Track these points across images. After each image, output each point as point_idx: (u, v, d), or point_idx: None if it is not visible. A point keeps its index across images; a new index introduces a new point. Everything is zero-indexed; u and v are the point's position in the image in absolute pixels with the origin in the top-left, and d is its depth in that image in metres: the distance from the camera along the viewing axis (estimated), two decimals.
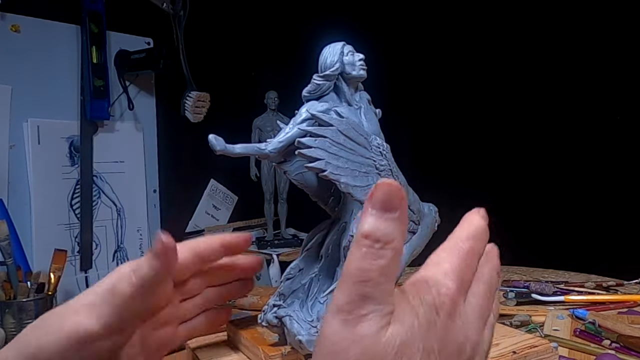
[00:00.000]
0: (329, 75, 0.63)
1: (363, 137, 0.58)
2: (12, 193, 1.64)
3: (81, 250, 1.83)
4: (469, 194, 2.11)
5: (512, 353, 0.60)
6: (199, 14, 2.09)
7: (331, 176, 0.56)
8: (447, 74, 2.18)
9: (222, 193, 2.34)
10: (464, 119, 2.15)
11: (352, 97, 0.65)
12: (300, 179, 0.64)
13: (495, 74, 2.08)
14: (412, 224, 0.64)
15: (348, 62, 0.64)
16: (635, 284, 1.10)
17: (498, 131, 2.08)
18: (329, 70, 0.63)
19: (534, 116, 2.03)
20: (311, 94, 0.64)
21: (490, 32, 2.08)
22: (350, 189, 0.56)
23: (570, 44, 1.92)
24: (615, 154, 1.87)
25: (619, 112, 1.88)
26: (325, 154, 0.55)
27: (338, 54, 0.64)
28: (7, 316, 1.29)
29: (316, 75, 0.64)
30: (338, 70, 0.63)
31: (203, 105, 1.94)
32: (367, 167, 0.58)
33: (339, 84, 0.64)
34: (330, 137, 0.56)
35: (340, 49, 0.64)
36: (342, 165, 0.56)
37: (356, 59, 0.64)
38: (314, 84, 0.63)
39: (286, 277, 0.63)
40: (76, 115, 1.81)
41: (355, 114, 0.63)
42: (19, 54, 1.66)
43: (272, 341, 0.63)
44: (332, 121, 0.57)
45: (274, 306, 0.62)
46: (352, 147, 0.57)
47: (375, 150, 0.59)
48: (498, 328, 0.66)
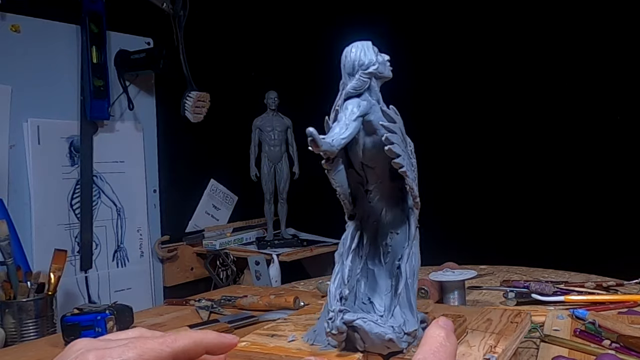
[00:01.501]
0: (372, 72, 0.63)
1: (403, 135, 0.60)
2: (12, 193, 1.64)
3: (81, 250, 1.82)
4: (470, 194, 2.12)
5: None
6: (199, 14, 2.09)
7: (407, 172, 0.58)
8: (449, 75, 2.18)
9: (222, 193, 2.34)
10: (466, 119, 2.15)
11: (379, 96, 0.65)
12: (338, 179, 0.65)
13: (495, 74, 2.08)
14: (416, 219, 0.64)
15: (381, 61, 0.63)
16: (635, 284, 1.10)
17: (499, 131, 2.08)
18: (372, 67, 0.63)
19: (535, 116, 2.03)
20: (356, 91, 0.63)
21: (490, 33, 2.08)
22: (413, 184, 0.59)
23: (570, 44, 1.92)
24: (615, 154, 1.87)
25: (619, 112, 1.88)
26: (399, 149, 0.57)
27: (375, 52, 0.64)
28: (7, 316, 1.29)
29: (362, 72, 0.63)
30: (378, 68, 0.63)
31: (203, 105, 1.94)
32: (410, 164, 0.60)
33: (372, 83, 0.64)
34: (399, 132, 0.58)
35: (373, 48, 0.64)
36: (407, 160, 0.58)
37: (385, 58, 0.65)
38: (361, 81, 0.62)
39: (348, 280, 0.63)
40: (76, 115, 1.81)
41: (379, 111, 0.64)
42: (19, 54, 1.66)
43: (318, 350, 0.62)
44: (395, 118, 0.59)
45: (339, 312, 0.59)
46: (404, 144, 0.59)
47: (409, 147, 0.61)
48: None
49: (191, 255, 2.17)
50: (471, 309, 0.77)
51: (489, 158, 2.11)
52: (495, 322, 0.68)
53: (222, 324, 0.99)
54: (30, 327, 1.30)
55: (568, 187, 1.96)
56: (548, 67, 1.99)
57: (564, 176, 1.96)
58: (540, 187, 2.02)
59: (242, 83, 2.35)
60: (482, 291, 1.16)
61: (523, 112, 2.04)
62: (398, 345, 0.57)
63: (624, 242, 1.77)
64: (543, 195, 2.01)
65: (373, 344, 0.57)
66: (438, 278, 1.00)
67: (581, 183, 1.92)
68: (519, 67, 2.03)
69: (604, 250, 1.75)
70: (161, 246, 2.06)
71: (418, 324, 0.60)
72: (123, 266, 1.95)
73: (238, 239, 2.19)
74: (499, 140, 2.09)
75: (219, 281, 2.12)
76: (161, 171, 2.08)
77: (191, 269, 2.17)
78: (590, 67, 1.89)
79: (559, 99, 1.98)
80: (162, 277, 2.09)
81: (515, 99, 2.06)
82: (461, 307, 0.88)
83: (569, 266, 1.31)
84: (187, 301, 1.22)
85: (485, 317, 0.70)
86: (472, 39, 2.12)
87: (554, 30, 1.96)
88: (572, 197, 1.94)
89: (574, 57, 1.92)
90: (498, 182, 2.07)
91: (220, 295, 1.22)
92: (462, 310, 0.73)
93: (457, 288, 0.99)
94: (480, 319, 0.69)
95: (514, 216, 2.02)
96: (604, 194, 1.88)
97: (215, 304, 1.15)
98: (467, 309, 0.77)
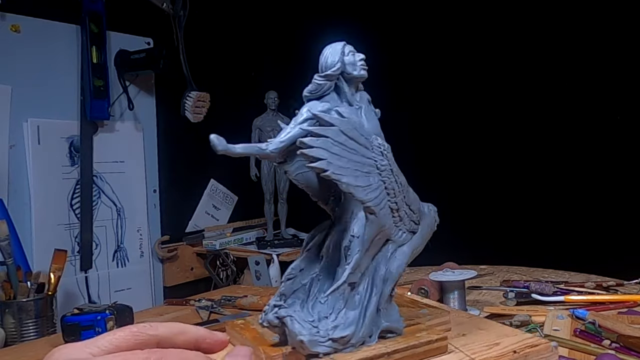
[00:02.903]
0: (330, 75, 0.63)
1: (364, 137, 0.58)
2: (12, 193, 1.64)
3: (81, 250, 1.82)
4: (470, 194, 2.12)
5: (512, 352, 0.60)
6: (199, 14, 2.09)
7: (333, 176, 0.56)
8: (447, 74, 2.18)
9: (222, 193, 2.34)
10: (465, 119, 2.15)
11: (353, 97, 0.64)
12: (301, 179, 0.64)
13: (495, 74, 2.08)
14: (412, 223, 0.64)
15: (349, 62, 0.64)
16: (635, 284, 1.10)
17: (499, 131, 2.08)
18: (330, 70, 0.63)
19: (535, 116, 2.03)
20: (312, 94, 0.64)
21: (490, 32, 2.08)
22: (352, 189, 0.57)
23: (570, 44, 1.92)
24: (615, 154, 1.87)
25: (619, 112, 1.88)
26: (327, 153, 0.55)
27: (339, 53, 0.64)
28: (7, 316, 1.29)
29: (317, 75, 0.64)
30: (339, 70, 0.63)
31: (203, 105, 1.94)
32: (368, 167, 0.58)
33: (339, 84, 0.64)
34: (332, 137, 0.56)
35: (341, 49, 0.64)
36: (344, 165, 0.56)
37: (357, 58, 0.64)
38: (315, 84, 0.64)
39: (287, 277, 0.64)
40: (76, 115, 1.81)
41: (356, 114, 0.63)
42: (19, 54, 1.66)
43: (273, 341, 0.63)
44: (334, 121, 0.57)
45: (274, 306, 0.61)
46: (353, 147, 0.57)
47: (377, 150, 0.59)
48: (498, 328, 0.66)
49: (191, 255, 2.17)
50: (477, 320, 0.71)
51: (489, 158, 2.11)
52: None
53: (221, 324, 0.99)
54: (30, 327, 1.30)
55: (568, 187, 1.96)
56: (548, 67, 1.99)
57: (564, 176, 1.96)
58: (540, 187, 2.02)
59: (242, 83, 2.35)
60: (482, 291, 1.16)
61: (523, 112, 2.04)
62: (309, 347, 0.57)
63: (624, 242, 1.77)
64: (543, 195, 2.01)
65: (294, 341, 0.58)
66: (438, 278, 1.00)
67: (581, 183, 1.92)
68: (519, 67, 2.03)
69: (604, 250, 1.74)
70: (161, 246, 2.06)
71: (362, 332, 0.59)
72: (123, 266, 1.95)
73: (238, 239, 2.19)
74: (498, 140, 2.09)
75: (219, 281, 2.12)
76: (161, 171, 2.08)
77: (191, 269, 2.17)
78: (590, 67, 1.89)
79: (558, 99, 1.98)
80: (162, 277, 2.09)
81: (515, 99, 2.06)
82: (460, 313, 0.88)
83: (569, 266, 1.31)
84: (187, 301, 1.22)
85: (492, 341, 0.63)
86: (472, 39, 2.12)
87: (553, 30, 1.96)
88: (572, 197, 1.94)
89: (574, 57, 1.92)
90: (498, 182, 2.07)
91: (220, 295, 1.22)
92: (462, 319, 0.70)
93: (457, 288, 1.00)
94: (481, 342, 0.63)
95: (514, 216, 2.02)
96: (603, 193, 1.88)
97: (215, 304, 1.15)
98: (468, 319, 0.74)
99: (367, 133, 0.59)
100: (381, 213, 0.59)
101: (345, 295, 0.61)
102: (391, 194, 0.60)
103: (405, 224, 0.62)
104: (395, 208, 0.61)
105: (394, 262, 0.62)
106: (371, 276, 0.62)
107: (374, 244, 0.61)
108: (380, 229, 0.60)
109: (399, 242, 0.62)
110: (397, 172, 0.61)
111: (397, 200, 0.60)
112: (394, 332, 0.62)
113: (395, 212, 0.61)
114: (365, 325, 0.60)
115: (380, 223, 0.59)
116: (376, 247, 0.62)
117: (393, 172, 0.60)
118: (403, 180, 0.62)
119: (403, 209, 0.62)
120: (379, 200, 0.59)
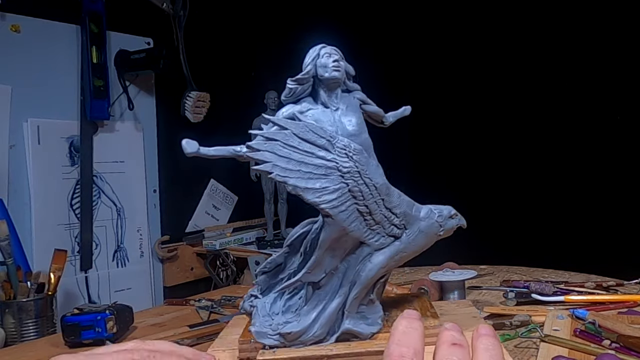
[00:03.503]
0: (300, 78, 0.65)
1: (325, 139, 0.58)
2: (12, 193, 1.64)
3: (81, 250, 1.82)
4: (470, 194, 2.12)
5: None
6: (199, 14, 2.09)
7: (278, 178, 0.57)
8: (447, 74, 2.18)
9: (222, 193, 2.34)
10: (465, 120, 2.15)
11: (330, 99, 0.65)
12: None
13: (495, 74, 2.08)
14: (394, 227, 0.62)
15: (321, 65, 0.65)
16: (635, 284, 1.10)
17: (499, 132, 2.08)
18: (300, 73, 0.65)
19: (535, 117, 2.03)
20: (287, 98, 0.66)
21: (489, 32, 2.08)
22: (300, 191, 0.57)
23: (570, 44, 1.92)
24: (615, 154, 1.87)
25: (619, 112, 1.88)
26: (274, 156, 0.57)
27: (313, 56, 0.66)
28: (7, 316, 1.29)
29: (289, 79, 0.65)
30: (309, 74, 0.65)
31: (203, 105, 1.94)
32: (326, 169, 0.58)
33: (316, 87, 0.66)
34: (282, 140, 0.57)
35: (317, 52, 0.66)
36: (293, 167, 0.57)
37: (330, 61, 0.65)
38: (288, 88, 0.66)
39: (261, 271, 0.67)
40: (76, 115, 1.81)
41: (329, 116, 0.64)
42: (19, 54, 1.66)
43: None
44: (287, 124, 0.58)
45: (251, 296, 0.65)
46: (307, 150, 0.58)
47: (340, 151, 0.58)
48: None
49: (191, 255, 2.17)
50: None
51: (489, 158, 2.11)
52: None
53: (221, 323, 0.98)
54: (30, 327, 1.30)
55: (568, 187, 1.96)
56: (548, 67, 1.98)
57: (564, 176, 1.96)
58: (540, 187, 2.02)
59: (242, 83, 2.35)
60: (482, 291, 1.16)
61: (523, 112, 2.04)
62: (256, 338, 0.61)
63: (624, 242, 1.77)
64: (543, 195, 2.01)
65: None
66: (438, 278, 1.00)
67: (581, 183, 1.92)
68: (519, 67, 2.03)
69: (604, 250, 1.74)
70: (161, 246, 2.06)
71: (316, 331, 0.61)
72: (123, 266, 1.95)
73: (238, 239, 2.19)
74: (498, 140, 2.09)
75: (219, 281, 2.12)
76: (161, 171, 2.08)
77: (191, 269, 2.17)
78: (590, 67, 1.89)
79: (559, 99, 1.98)
80: (162, 277, 2.09)
81: (515, 100, 2.06)
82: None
83: (569, 266, 1.31)
84: (187, 301, 1.22)
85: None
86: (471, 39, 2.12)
87: (553, 31, 1.96)
88: (572, 197, 1.94)
89: (574, 57, 1.92)
90: (498, 182, 2.07)
91: (220, 295, 1.22)
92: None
93: (457, 288, 1.00)
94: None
95: (514, 216, 2.02)
96: (603, 194, 1.88)
97: (215, 304, 1.15)
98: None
99: (329, 135, 0.58)
100: (340, 216, 0.58)
101: (308, 293, 0.63)
102: (358, 196, 0.59)
103: (384, 228, 0.61)
104: (365, 211, 0.59)
105: (365, 267, 0.61)
106: (341, 278, 0.62)
107: (339, 245, 0.61)
108: (342, 231, 0.59)
109: (375, 246, 0.61)
110: (370, 174, 0.60)
111: (367, 204, 0.59)
112: (357, 337, 0.62)
113: (368, 215, 0.60)
114: (320, 325, 0.61)
115: (341, 225, 0.58)
116: (343, 249, 0.61)
117: (361, 174, 0.59)
118: (380, 182, 0.60)
119: (379, 212, 0.60)
120: (337, 202, 0.58)
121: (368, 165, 0.60)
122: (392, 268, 0.64)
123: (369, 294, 0.63)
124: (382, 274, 0.63)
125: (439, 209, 0.65)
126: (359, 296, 0.61)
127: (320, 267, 0.61)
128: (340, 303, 0.61)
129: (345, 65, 0.67)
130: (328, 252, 0.61)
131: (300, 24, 2.31)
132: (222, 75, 2.25)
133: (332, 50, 0.65)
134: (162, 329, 1.05)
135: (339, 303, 0.61)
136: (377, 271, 0.62)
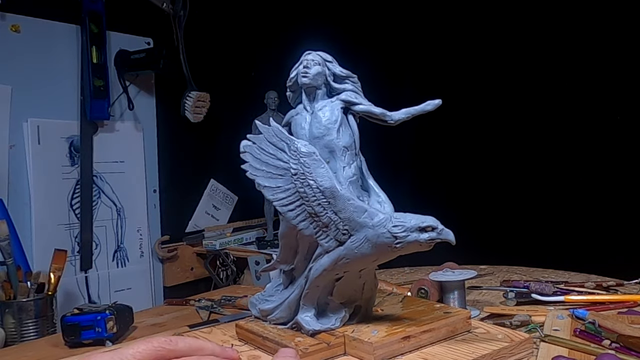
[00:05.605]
0: (289, 85, 0.73)
1: (284, 142, 0.64)
2: (12, 193, 1.64)
3: (81, 250, 1.82)
4: (470, 194, 2.12)
5: None
6: (199, 14, 2.09)
7: (250, 176, 0.65)
8: (447, 75, 2.18)
9: (222, 193, 2.34)
10: (465, 121, 2.15)
11: (310, 103, 0.71)
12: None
13: (495, 74, 2.08)
14: (340, 233, 0.63)
15: (299, 72, 0.71)
16: (635, 284, 1.10)
17: (499, 132, 2.08)
18: (288, 80, 0.73)
19: (535, 117, 2.03)
20: (290, 103, 0.75)
21: (489, 33, 2.08)
22: (261, 188, 0.65)
23: (571, 44, 1.92)
24: (615, 154, 1.87)
25: (619, 112, 1.88)
26: (250, 157, 0.65)
27: (297, 64, 0.72)
28: (7, 316, 1.29)
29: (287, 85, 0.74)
30: (291, 81, 0.72)
31: (203, 105, 1.94)
32: (282, 170, 0.64)
33: (303, 96, 0.72)
34: (257, 143, 0.65)
35: (300, 59, 0.73)
36: (260, 167, 0.65)
37: (300, 68, 0.71)
38: (287, 95, 0.74)
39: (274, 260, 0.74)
40: (76, 115, 1.81)
41: (305, 119, 0.70)
42: (19, 54, 1.66)
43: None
44: (262, 129, 0.65)
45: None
46: (272, 152, 0.64)
47: (293, 155, 0.63)
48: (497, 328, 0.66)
49: (191, 255, 2.17)
50: None
51: (489, 159, 2.11)
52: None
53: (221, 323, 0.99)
54: (30, 327, 1.30)
55: (568, 187, 1.96)
56: (548, 67, 1.99)
57: (564, 176, 1.97)
58: (540, 187, 2.02)
59: (242, 83, 2.35)
60: (482, 291, 1.16)
61: (523, 112, 2.04)
62: (247, 305, 0.75)
63: (624, 242, 1.77)
64: (543, 196, 2.01)
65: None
66: (438, 278, 1.00)
67: (581, 183, 1.92)
68: (519, 67, 2.03)
69: (604, 250, 1.75)
70: (161, 246, 2.06)
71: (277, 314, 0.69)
72: (123, 266, 1.95)
73: (238, 239, 2.18)
74: (498, 141, 2.09)
75: (219, 281, 2.12)
76: (161, 171, 2.08)
77: (191, 269, 2.17)
78: (590, 67, 1.89)
79: (559, 99, 1.98)
80: (162, 277, 2.09)
81: (515, 100, 2.06)
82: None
83: (569, 266, 1.31)
84: (187, 301, 1.22)
85: None
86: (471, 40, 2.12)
87: (554, 32, 1.96)
88: (572, 197, 1.94)
89: (575, 57, 1.92)
90: (498, 183, 2.07)
91: (220, 295, 1.22)
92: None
93: (457, 288, 1.00)
94: None
95: (514, 216, 2.02)
96: (603, 193, 1.88)
97: (215, 304, 1.15)
98: None
99: (289, 138, 0.64)
100: (289, 214, 0.63)
101: (285, 281, 0.71)
102: (305, 197, 0.62)
103: (331, 231, 0.63)
104: (312, 212, 0.63)
105: (313, 266, 0.65)
106: (306, 272, 0.67)
107: (302, 242, 0.66)
108: (293, 228, 0.65)
109: (325, 247, 0.64)
110: (315, 177, 0.62)
111: (312, 206, 0.62)
112: (300, 329, 0.67)
113: (315, 216, 0.63)
114: (281, 309, 0.69)
115: (291, 222, 0.64)
116: (305, 245, 0.67)
117: (307, 177, 0.62)
118: (325, 185, 0.62)
119: (326, 215, 0.62)
120: (287, 201, 0.63)
121: (315, 168, 0.62)
122: (339, 272, 0.65)
123: (327, 295, 0.67)
124: (330, 276, 0.65)
125: (402, 220, 0.61)
126: (310, 292, 0.66)
127: (285, 258, 0.68)
128: (298, 295, 0.67)
129: (330, 69, 0.71)
130: (288, 246, 0.68)
131: (300, 24, 2.32)
132: (222, 75, 2.24)
133: (309, 57, 0.71)
134: (162, 329, 1.05)
135: (296, 295, 0.67)
136: (321, 272, 0.65)
